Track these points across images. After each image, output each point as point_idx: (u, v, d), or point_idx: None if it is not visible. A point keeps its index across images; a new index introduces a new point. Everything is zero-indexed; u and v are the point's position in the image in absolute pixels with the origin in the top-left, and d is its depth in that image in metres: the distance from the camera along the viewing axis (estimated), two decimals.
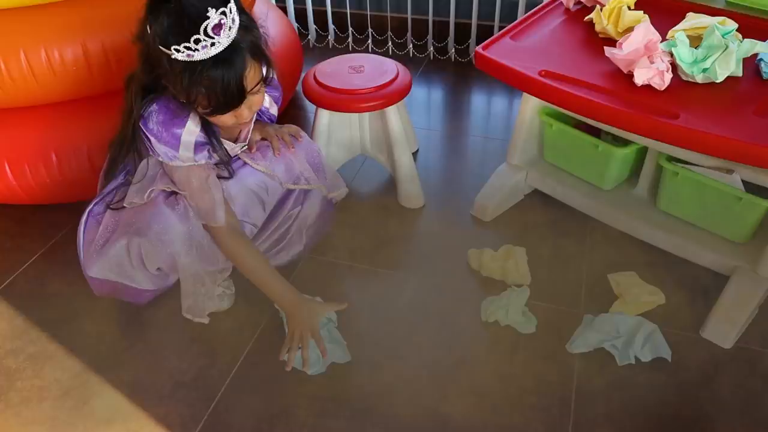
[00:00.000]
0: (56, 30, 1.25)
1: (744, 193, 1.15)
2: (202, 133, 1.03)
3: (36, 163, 1.33)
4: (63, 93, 1.33)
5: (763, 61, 0.95)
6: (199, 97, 0.91)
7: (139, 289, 1.17)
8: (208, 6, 0.84)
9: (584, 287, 1.27)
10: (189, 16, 0.84)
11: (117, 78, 1.31)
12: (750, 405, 1.05)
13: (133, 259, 1.10)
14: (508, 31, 1.15)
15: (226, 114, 0.95)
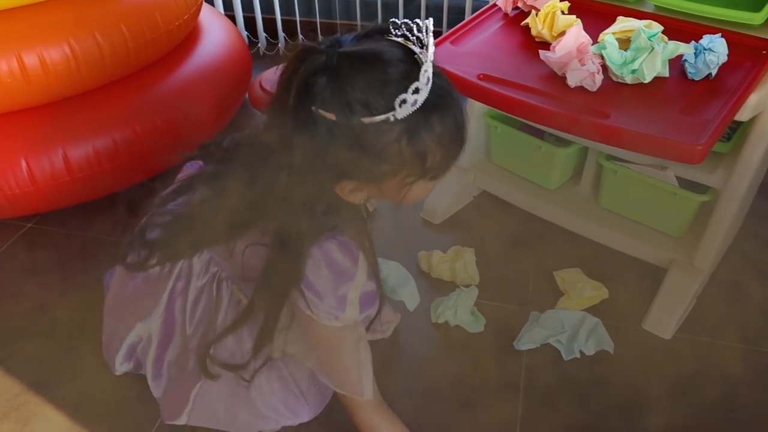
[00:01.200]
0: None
1: (678, 188, 1.19)
2: (372, 283, 0.81)
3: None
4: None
5: (688, 62, 0.99)
6: (429, 154, 0.70)
7: None
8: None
9: (531, 285, 1.29)
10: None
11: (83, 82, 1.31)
12: (688, 392, 1.09)
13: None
14: (449, 36, 1.17)
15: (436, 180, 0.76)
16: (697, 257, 1.19)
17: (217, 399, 0.97)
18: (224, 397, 0.97)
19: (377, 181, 0.73)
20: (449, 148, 0.72)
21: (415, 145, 0.68)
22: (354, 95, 0.65)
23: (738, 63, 1.01)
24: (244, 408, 0.98)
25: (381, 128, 0.66)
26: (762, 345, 1.16)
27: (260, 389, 0.96)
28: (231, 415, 0.98)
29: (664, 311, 1.18)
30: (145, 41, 1.39)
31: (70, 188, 1.37)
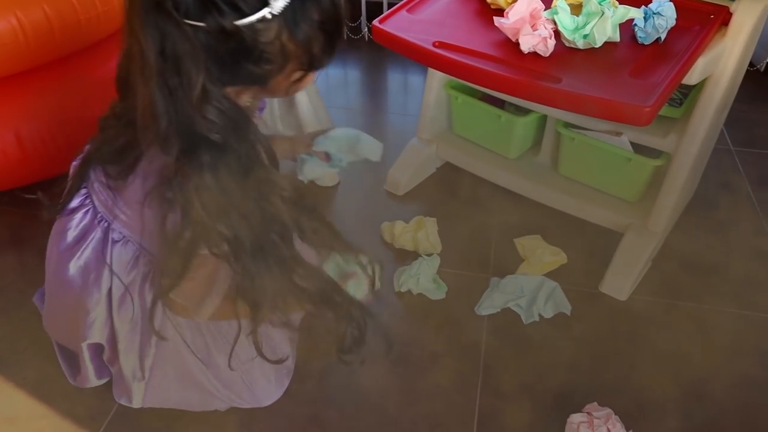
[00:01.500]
0: None
1: (632, 153, 1.22)
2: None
3: None
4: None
5: (638, 26, 1.00)
6: (314, 44, 0.67)
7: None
8: None
9: (493, 252, 1.31)
10: None
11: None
12: (643, 350, 1.12)
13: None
14: (405, 4, 1.16)
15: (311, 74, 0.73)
16: (651, 221, 1.22)
17: (168, 385, 0.96)
18: (175, 382, 0.96)
19: (263, 83, 0.69)
20: (331, 32, 0.68)
21: (297, 37, 0.65)
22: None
23: (686, 27, 1.02)
24: (196, 391, 0.98)
25: (258, 28, 0.62)
26: (710, 303, 1.20)
27: (209, 375, 0.96)
28: (183, 398, 0.99)
29: (619, 274, 1.22)
30: (96, 13, 1.34)
31: (23, 167, 1.34)
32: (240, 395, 0.99)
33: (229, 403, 1.00)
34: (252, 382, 0.99)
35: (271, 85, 0.71)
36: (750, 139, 1.63)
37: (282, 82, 0.71)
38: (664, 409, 1.03)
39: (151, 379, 0.95)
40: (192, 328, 0.92)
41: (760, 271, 1.27)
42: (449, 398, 1.05)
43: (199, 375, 0.95)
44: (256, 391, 1.00)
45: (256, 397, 1.01)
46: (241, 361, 0.94)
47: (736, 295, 1.22)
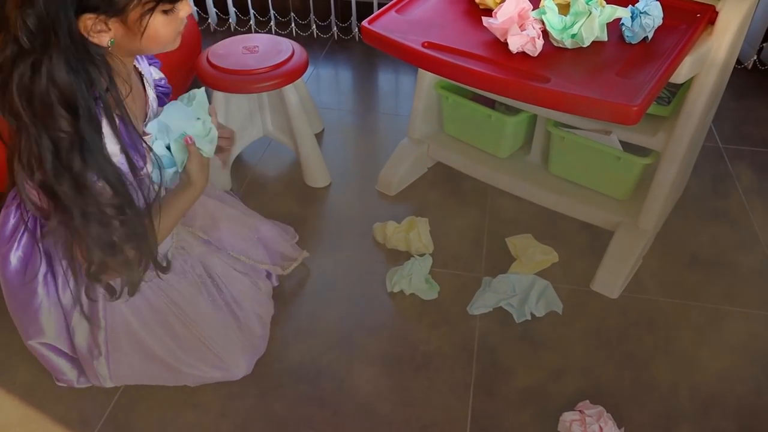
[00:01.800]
0: None
1: (622, 152, 1.22)
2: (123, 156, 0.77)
3: None
4: None
5: (625, 26, 1.01)
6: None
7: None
8: None
9: (485, 252, 1.32)
10: None
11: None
12: (634, 346, 1.13)
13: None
14: (394, 5, 1.16)
15: (174, 13, 0.74)
16: (641, 219, 1.23)
17: (129, 361, 1.01)
18: (135, 357, 1.01)
19: (120, 13, 0.70)
20: None
21: None
22: None
23: (673, 26, 1.03)
24: (159, 366, 1.02)
25: None
26: (701, 300, 1.21)
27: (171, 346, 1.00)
28: (148, 373, 1.03)
29: (610, 272, 1.22)
30: None
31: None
32: (209, 364, 1.02)
33: (197, 376, 1.03)
34: (220, 350, 1.02)
35: (129, 22, 0.71)
36: (738, 135, 1.65)
37: (136, 19, 0.71)
38: (656, 405, 1.04)
39: (110, 355, 0.99)
40: (143, 302, 0.96)
41: (750, 267, 1.28)
42: (442, 398, 1.05)
43: (158, 349, 1.00)
44: (226, 358, 1.03)
45: (225, 365, 1.03)
46: (202, 328, 0.99)
47: (726, 292, 1.23)
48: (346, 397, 1.05)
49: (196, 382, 1.05)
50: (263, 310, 1.13)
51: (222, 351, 1.02)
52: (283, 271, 1.22)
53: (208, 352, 1.02)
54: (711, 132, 1.65)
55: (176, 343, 1.00)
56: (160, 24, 0.73)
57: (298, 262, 1.26)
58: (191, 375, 1.03)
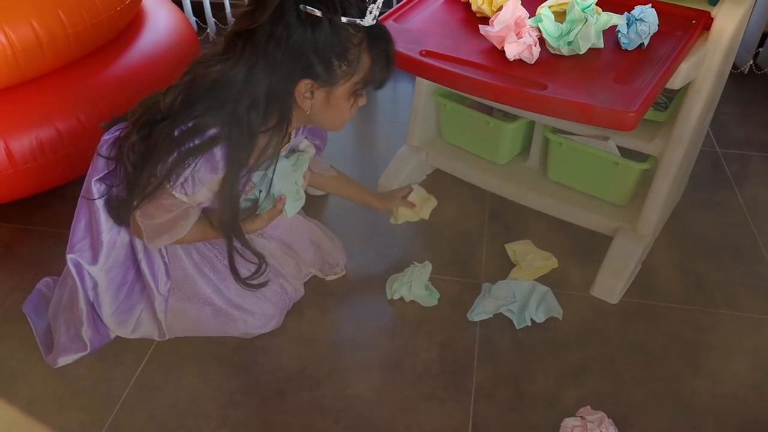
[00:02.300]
0: None
1: (620, 158, 1.23)
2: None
3: None
4: None
5: (621, 33, 1.02)
6: (376, 63, 0.87)
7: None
8: None
9: (484, 258, 1.32)
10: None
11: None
12: (634, 352, 1.13)
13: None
14: (392, 14, 1.17)
15: (360, 98, 0.91)
16: (640, 224, 1.23)
17: (183, 308, 1.09)
18: (189, 303, 1.09)
19: (332, 83, 0.86)
20: (388, 62, 0.88)
21: (370, 51, 0.85)
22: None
23: (669, 32, 1.04)
24: (210, 313, 1.10)
25: (350, 31, 0.81)
26: (700, 305, 1.21)
27: (219, 291, 1.10)
28: (198, 322, 1.11)
29: (610, 277, 1.23)
30: (85, 27, 1.35)
31: (15, 181, 1.33)
32: (250, 311, 1.11)
33: (239, 321, 1.11)
34: (259, 299, 1.12)
35: (336, 93, 0.87)
36: (735, 140, 1.65)
37: (345, 90, 0.88)
38: (657, 410, 1.04)
39: (170, 299, 1.08)
40: (197, 250, 1.08)
41: (749, 273, 1.28)
42: (444, 405, 1.05)
43: (211, 294, 1.09)
44: (265, 308, 1.12)
45: (263, 314, 1.12)
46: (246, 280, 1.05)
47: (726, 296, 1.23)
48: (346, 405, 1.05)
49: (239, 330, 1.12)
50: (297, 282, 1.21)
51: (262, 295, 1.12)
52: (325, 277, 1.27)
53: (250, 295, 1.10)
54: (708, 136, 1.66)
55: (223, 284, 1.09)
56: (348, 104, 0.90)
57: (339, 275, 1.28)
58: (234, 321, 1.11)
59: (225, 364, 1.12)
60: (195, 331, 1.13)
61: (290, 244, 1.20)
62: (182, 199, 0.90)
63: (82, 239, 1.03)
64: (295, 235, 1.21)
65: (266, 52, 0.80)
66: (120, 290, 1.08)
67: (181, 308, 1.09)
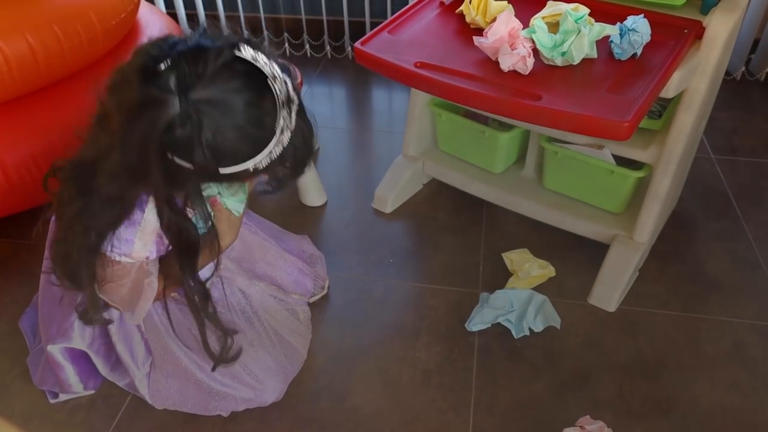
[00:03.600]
0: None
1: (615, 166, 1.23)
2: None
3: None
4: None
5: (614, 43, 1.02)
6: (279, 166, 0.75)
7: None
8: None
9: (481, 267, 1.32)
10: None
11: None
12: (632, 360, 1.13)
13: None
14: (386, 26, 1.17)
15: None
16: (636, 232, 1.24)
17: (167, 383, 1.04)
18: (173, 379, 1.04)
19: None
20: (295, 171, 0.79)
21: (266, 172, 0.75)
22: (215, 146, 0.67)
23: (661, 42, 1.04)
24: (196, 390, 1.03)
25: (240, 170, 0.71)
26: (698, 311, 1.22)
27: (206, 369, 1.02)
28: (183, 397, 1.04)
29: (607, 285, 1.23)
30: (80, 41, 1.35)
31: (10, 196, 1.33)
32: (242, 382, 1.03)
33: (229, 397, 1.03)
34: (256, 371, 1.04)
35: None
36: (729, 146, 1.66)
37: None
38: (656, 419, 1.04)
39: (151, 374, 1.03)
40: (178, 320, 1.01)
41: (745, 278, 1.28)
42: (443, 416, 1.05)
43: (197, 372, 1.03)
44: (260, 379, 1.04)
45: (259, 387, 1.04)
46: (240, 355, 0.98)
47: (723, 302, 1.23)
48: (345, 418, 1.05)
49: (228, 408, 1.04)
50: (300, 340, 1.14)
51: (258, 372, 1.04)
52: (309, 300, 1.23)
53: (242, 372, 1.03)
54: (702, 143, 1.67)
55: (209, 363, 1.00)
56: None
57: (323, 292, 1.26)
58: (224, 398, 1.03)
59: None
60: (181, 407, 1.05)
61: (270, 276, 1.16)
62: (126, 261, 0.84)
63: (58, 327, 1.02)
64: (274, 266, 1.17)
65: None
66: (109, 356, 1.07)
67: (164, 384, 1.04)
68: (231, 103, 0.67)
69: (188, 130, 0.66)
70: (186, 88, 0.65)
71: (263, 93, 0.69)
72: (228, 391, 1.03)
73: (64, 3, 1.33)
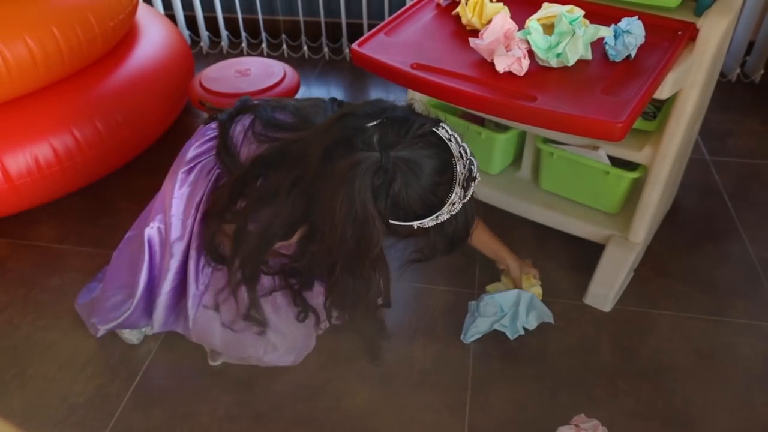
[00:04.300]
0: None
1: (610, 167, 1.24)
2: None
3: None
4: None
5: (609, 44, 1.03)
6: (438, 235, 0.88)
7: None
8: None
9: (478, 267, 1.33)
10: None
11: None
12: (628, 360, 1.14)
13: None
14: (383, 27, 1.18)
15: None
16: (631, 232, 1.24)
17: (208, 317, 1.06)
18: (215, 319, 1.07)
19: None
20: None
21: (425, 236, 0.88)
22: (397, 199, 0.79)
23: (655, 44, 1.05)
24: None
25: (405, 225, 0.82)
26: (692, 311, 1.22)
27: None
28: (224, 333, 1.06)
29: (602, 286, 1.23)
30: (78, 43, 1.36)
31: (9, 196, 1.34)
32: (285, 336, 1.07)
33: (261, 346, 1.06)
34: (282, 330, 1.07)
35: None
36: (724, 147, 1.67)
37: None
38: (651, 418, 1.04)
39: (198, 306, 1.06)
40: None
41: (740, 278, 1.29)
42: (439, 415, 1.05)
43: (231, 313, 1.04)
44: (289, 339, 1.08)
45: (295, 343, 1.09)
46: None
47: (718, 303, 1.24)
48: (342, 417, 1.05)
49: (257, 354, 1.07)
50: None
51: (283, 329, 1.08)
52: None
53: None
54: (697, 144, 1.68)
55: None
56: None
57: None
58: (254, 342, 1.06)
59: (221, 377, 1.12)
60: (213, 343, 1.09)
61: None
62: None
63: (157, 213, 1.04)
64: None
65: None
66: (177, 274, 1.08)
67: (208, 317, 1.07)
68: (421, 165, 0.78)
69: (380, 180, 0.77)
70: (389, 145, 0.78)
71: (447, 167, 0.81)
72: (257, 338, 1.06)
73: (62, 4, 1.34)
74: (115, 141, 1.45)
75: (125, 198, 1.51)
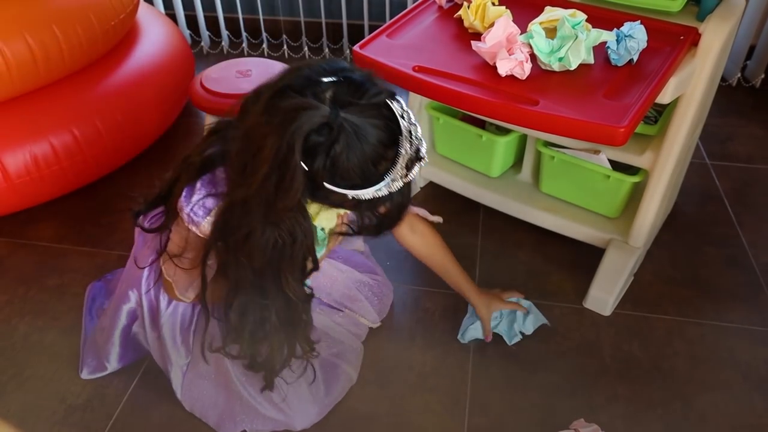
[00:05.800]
0: None
1: (611, 171, 1.24)
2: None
3: None
4: None
5: (611, 49, 1.03)
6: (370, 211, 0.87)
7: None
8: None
9: (478, 270, 1.33)
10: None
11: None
12: (627, 364, 1.14)
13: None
14: (385, 29, 1.18)
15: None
16: (631, 236, 1.24)
17: (202, 384, 1.03)
18: (209, 382, 1.03)
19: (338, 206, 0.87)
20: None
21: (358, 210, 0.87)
22: (336, 162, 0.74)
23: (658, 48, 1.05)
24: (228, 396, 1.02)
25: (340, 193, 0.77)
26: (692, 316, 1.22)
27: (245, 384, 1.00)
28: (213, 403, 1.03)
29: (602, 290, 1.23)
30: (79, 42, 1.36)
31: (8, 195, 1.33)
32: (272, 402, 1.00)
33: (256, 413, 1.01)
34: (289, 393, 1.01)
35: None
36: (725, 152, 1.67)
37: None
38: (650, 422, 1.04)
39: (187, 372, 1.04)
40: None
41: (739, 283, 1.29)
42: (438, 418, 1.05)
43: (237, 383, 1.00)
44: (292, 404, 1.01)
45: (289, 411, 1.01)
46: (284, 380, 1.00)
47: (718, 307, 1.24)
48: (342, 419, 1.05)
49: (255, 426, 1.02)
50: (350, 369, 1.11)
51: (290, 395, 1.01)
52: (373, 326, 1.20)
53: (276, 391, 1.00)
54: (698, 148, 1.68)
55: (246, 376, 0.99)
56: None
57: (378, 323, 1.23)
58: (250, 411, 1.01)
59: None
60: (207, 414, 1.04)
61: (338, 297, 1.16)
62: (193, 230, 0.86)
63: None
64: (344, 287, 1.16)
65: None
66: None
67: (198, 384, 1.04)
68: (368, 133, 0.74)
69: (323, 138, 0.72)
70: (340, 104, 0.73)
71: (394, 142, 0.76)
72: (254, 405, 1.00)
73: (63, 4, 1.34)
74: (115, 141, 1.45)
75: (125, 198, 1.51)
